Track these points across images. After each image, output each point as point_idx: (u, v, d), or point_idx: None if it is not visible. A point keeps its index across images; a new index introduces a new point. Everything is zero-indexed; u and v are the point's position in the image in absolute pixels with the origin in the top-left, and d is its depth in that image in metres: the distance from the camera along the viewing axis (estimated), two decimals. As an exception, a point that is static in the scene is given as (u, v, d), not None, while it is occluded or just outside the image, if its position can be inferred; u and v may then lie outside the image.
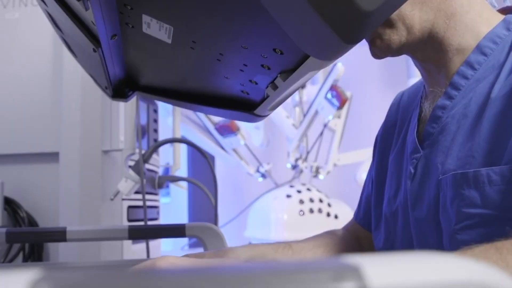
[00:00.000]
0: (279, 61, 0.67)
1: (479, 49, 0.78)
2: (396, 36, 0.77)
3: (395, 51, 0.79)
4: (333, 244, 0.96)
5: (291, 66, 0.67)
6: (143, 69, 0.96)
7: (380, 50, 0.79)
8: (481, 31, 0.78)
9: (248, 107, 0.88)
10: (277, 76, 0.71)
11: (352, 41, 0.53)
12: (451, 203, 0.72)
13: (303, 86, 2.62)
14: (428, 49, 0.80)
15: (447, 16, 0.77)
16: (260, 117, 0.91)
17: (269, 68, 0.70)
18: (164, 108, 2.26)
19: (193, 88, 0.95)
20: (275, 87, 0.74)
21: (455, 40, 0.78)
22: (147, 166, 1.64)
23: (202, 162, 2.91)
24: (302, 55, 0.62)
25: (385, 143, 0.99)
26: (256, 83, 0.78)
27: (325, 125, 2.61)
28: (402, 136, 0.92)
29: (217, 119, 2.57)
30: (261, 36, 0.63)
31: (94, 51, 0.79)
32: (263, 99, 0.83)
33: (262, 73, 0.73)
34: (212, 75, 0.83)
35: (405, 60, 2.84)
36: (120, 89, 1.09)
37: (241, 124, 2.60)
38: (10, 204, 1.51)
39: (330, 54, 0.56)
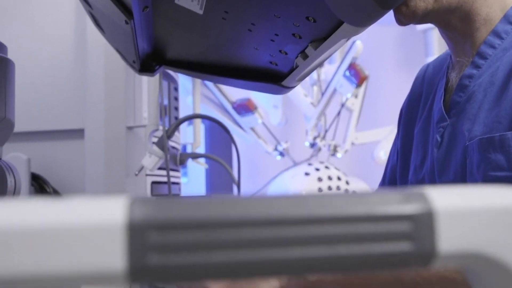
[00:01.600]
0: (311, 29, 0.68)
1: (507, 18, 0.78)
2: (423, 3, 0.77)
3: (420, 18, 0.80)
4: None
5: (322, 35, 0.68)
6: (172, 42, 0.97)
7: (405, 17, 0.79)
8: (508, 1, 0.79)
9: (276, 78, 0.90)
10: (308, 45, 0.72)
11: (387, 7, 0.54)
12: (478, 167, 0.73)
13: (321, 65, 2.62)
14: (455, 19, 0.81)
15: None
16: (287, 88, 0.92)
17: (300, 37, 0.71)
18: (183, 87, 2.28)
19: (220, 61, 0.96)
20: (305, 57, 0.75)
21: (483, 10, 0.79)
22: (169, 143, 1.66)
23: (219, 141, 2.93)
24: (335, 22, 0.63)
25: (410, 115, 1.00)
26: (286, 53, 0.79)
27: (343, 105, 2.62)
28: (427, 107, 0.93)
29: (234, 98, 2.58)
30: (295, 4, 0.64)
31: (126, 23, 0.81)
32: (292, 70, 0.84)
33: (293, 43, 0.74)
34: (241, 47, 0.84)
35: (422, 39, 2.83)
36: (147, 64, 1.10)
37: (259, 103, 2.61)
38: (37, 180, 1.55)
39: (365, 20, 0.57)
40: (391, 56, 3.38)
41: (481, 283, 0.24)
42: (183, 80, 2.21)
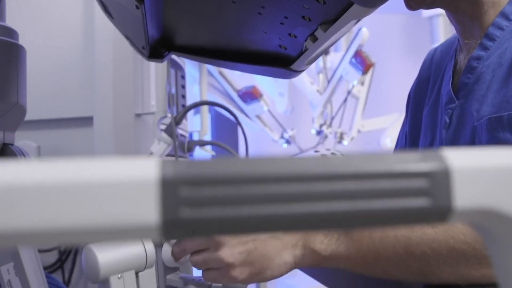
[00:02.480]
0: (321, 11, 0.69)
1: None
2: None
3: (430, 3, 0.80)
4: None
5: (332, 16, 0.69)
6: (181, 27, 0.98)
7: (415, 1, 0.80)
8: None
9: (285, 62, 0.90)
10: (317, 28, 0.73)
11: (397, -14, 0.55)
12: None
13: (326, 52, 2.62)
14: (463, 2, 0.81)
15: None
16: (296, 72, 0.93)
17: (310, 20, 0.72)
18: (190, 76, 2.28)
19: (229, 45, 0.97)
20: (314, 39, 0.76)
21: None
22: (177, 130, 1.67)
23: (225, 130, 2.94)
24: (344, 4, 0.64)
25: (418, 98, 1.01)
26: (295, 36, 0.80)
27: (349, 92, 2.62)
28: (436, 90, 0.93)
29: (239, 86, 2.59)
30: (305, -14, 0.65)
31: (137, 7, 0.82)
32: (300, 54, 0.85)
33: (302, 25, 0.75)
34: (251, 30, 0.85)
35: (428, 26, 2.83)
36: (156, 50, 1.11)
37: (265, 91, 2.62)
38: (47, 167, 1.56)
39: (375, 0, 0.58)
40: (397, 44, 3.37)
41: (493, 239, 0.25)
42: (190, 69, 2.21)
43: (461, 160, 0.24)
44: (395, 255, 0.57)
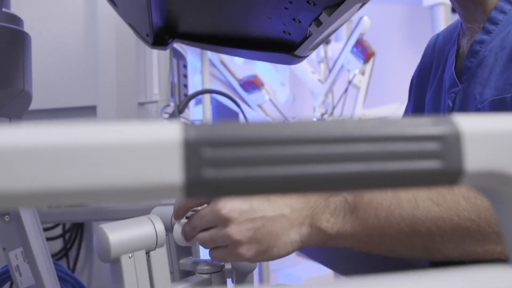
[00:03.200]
0: (326, -5, 0.69)
1: None
2: None
3: None
4: None
5: (337, 0, 0.69)
6: (185, 14, 0.98)
7: None
8: None
9: (288, 48, 0.91)
10: (321, 12, 0.74)
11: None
12: None
13: (327, 42, 2.63)
14: None
15: None
16: (300, 58, 0.94)
17: (314, 4, 0.72)
18: (192, 66, 2.29)
19: (233, 32, 0.98)
20: (319, 24, 0.76)
21: None
22: (180, 118, 1.68)
23: (226, 119, 2.94)
24: (349, -13, 0.65)
25: (421, 83, 1.01)
26: (300, 21, 0.80)
27: (350, 82, 2.63)
28: (438, 75, 0.94)
29: (240, 76, 2.59)
30: (310, -31, 0.65)
31: (142, -6, 0.82)
32: (304, 39, 0.86)
33: (306, 10, 0.75)
34: (255, 16, 0.86)
35: (429, 16, 2.82)
36: (160, 37, 1.11)
37: (266, 81, 2.62)
38: (51, 156, 1.57)
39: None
40: (397, 33, 3.37)
41: (501, 201, 0.26)
42: (191, 59, 2.22)
43: (471, 124, 0.24)
44: (400, 233, 0.58)
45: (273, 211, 0.64)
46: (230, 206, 0.63)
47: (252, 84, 2.55)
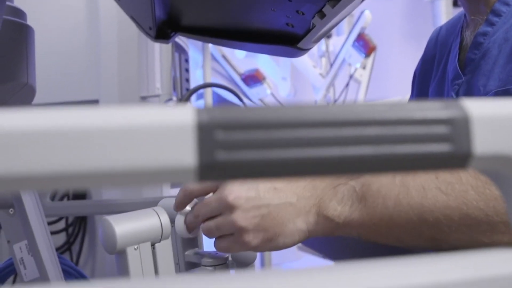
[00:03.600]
0: (329, -13, 0.69)
1: None
2: None
3: None
4: None
5: (340, -8, 0.69)
6: (188, 7, 0.98)
7: None
8: None
9: (292, 41, 0.91)
10: (325, 4, 0.74)
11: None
12: None
13: (329, 36, 2.62)
14: None
15: None
16: (303, 50, 0.94)
17: (318, -4, 0.73)
18: (193, 61, 2.29)
19: (236, 25, 0.98)
20: (322, 16, 0.76)
21: None
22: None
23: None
24: (353, -22, 0.65)
25: (424, 76, 1.01)
26: (303, 14, 0.80)
27: (351, 76, 2.63)
28: (441, 67, 0.94)
29: (242, 70, 2.58)
30: (314, -39, 0.66)
31: (146, -13, 0.82)
32: (307, 32, 0.86)
33: (310, 2, 0.76)
34: (258, 9, 0.86)
35: (430, 10, 2.82)
36: (162, 30, 1.11)
37: (267, 75, 2.62)
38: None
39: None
40: (398, 28, 3.37)
41: (509, 185, 0.26)
42: (193, 53, 2.22)
43: (480, 108, 0.25)
44: (408, 222, 0.58)
45: (279, 199, 0.64)
46: (236, 193, 0.62)
47: (254, 78, 2.55)
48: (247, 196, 0.62)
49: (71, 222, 1.58)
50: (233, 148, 0.22)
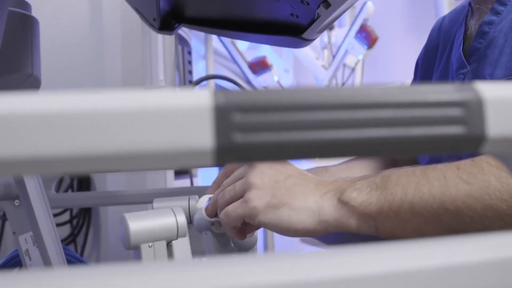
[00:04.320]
0: (335, -24, 0.69)
1: None
2: None
3: None
4: (367, 164, 0.97)
5: (346, -19, 0.69)
6: (192, -2, 0.98)
7: None
8: None
9: (296, 31, 0.91)
10: (330, -6, 0.74)
11: None
12: None
13: (331, 28, 2.62)
14: None
15: None
16: (307, 41, 0.94)
17: (323, -15, 0.73)
18: (196, 53, 2.29)
19: (240, 15, 0.98)
20: (327, 5, 0.77)
21: None
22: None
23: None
24: (359, -33, 0.65)
25: (427, 66, 1.01)
26: (308, 4, 0.80)
27: (353, 69, 2.63)
28: (445, 57, 0.94)
29: (249, 57, 2.58)
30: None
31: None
32: (312, 22, 0.86)
33: (315, -9, 0.75)
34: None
35: (432, 2, 2.81)
36: (166, 22, 1.11)
37: (272, 63, 2.61)
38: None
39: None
40: (400, 20, 3.36)
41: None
42: (195, 45, 2.22)
43: (493, 91, 0.25)
44: (428, 211, 0.56)
45: (301, 176, 0.63)
46: (260, 169, 0.62)
47: (261, 64, 2.54)
48: (270, 167, 0.62)
49: (76, 214, 1.59)
50: (250, 130, 0.22)
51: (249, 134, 0.22)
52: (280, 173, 0.62)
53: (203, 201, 0.69)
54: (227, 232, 0.66)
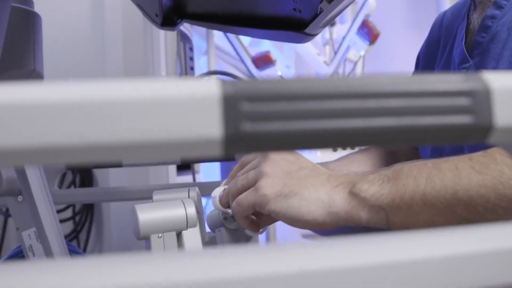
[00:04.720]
0: (338, -30, 0.69)
1: None
2: None
3: None
4: (366, 159, 0.97)
5: (349, -25, 0.69)
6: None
7: None
8: None
9: (299, 26, 0.91)
10: (333, -12, 0.74)
11: None
12: None
13: (333, 24, 2.62)
14: None
15: None
16: (310, 36, 0.94)
17: (326, -21, 0.73)
18: (198, 49, 2.29)
19: (243, 11, 0.98)
20: (330, 0, 0.76)
21: None
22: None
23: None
24: (362, -39, 0.65)
25: (428, 60, 1.01)
26: (311, -2, 0.80)
27: (355, 64, 2.62)
28: (447, 51, 0.94)
29: (253, 52, 2.57)
30: None
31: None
32: (315, 16, 0.86)
33: (318, -14, 0.75)
34: (266, -7, 0.86)
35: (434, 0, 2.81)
36: (168, 17, 1.11)
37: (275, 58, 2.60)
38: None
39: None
40: (402, 16, 3.35)
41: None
42: (197, 41, 2.22)
43: (501, 81, 0.25)
44: (441, 202, 0.55)
45: (313, 169, 0.63)
46: (273, 159, 0.62)
47: (264, 59, 2.52)
48: (283, 158, 0.63)
49: (78, 211, 1.59)
50: (258, 119, 0.22)
51: (257, 124, 0.22)
52: (293, 164, 0.63)
53: (217, 192, 0.69)
54: (241, 223, 0.66)
